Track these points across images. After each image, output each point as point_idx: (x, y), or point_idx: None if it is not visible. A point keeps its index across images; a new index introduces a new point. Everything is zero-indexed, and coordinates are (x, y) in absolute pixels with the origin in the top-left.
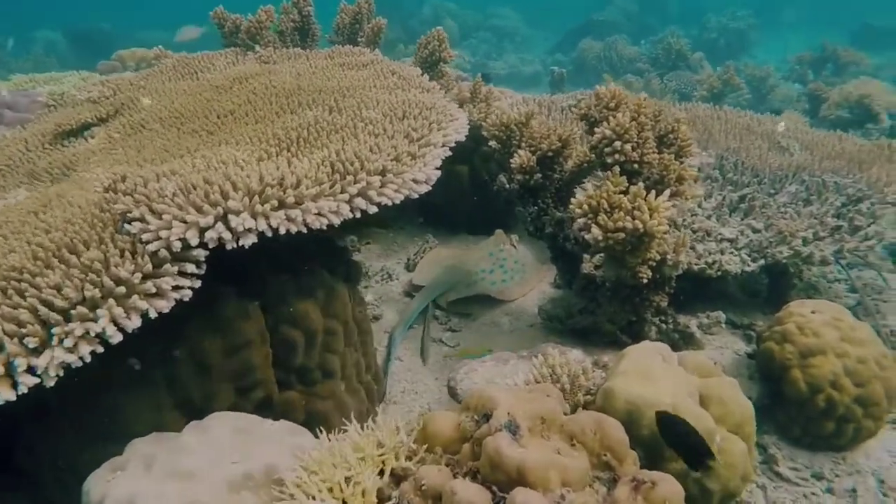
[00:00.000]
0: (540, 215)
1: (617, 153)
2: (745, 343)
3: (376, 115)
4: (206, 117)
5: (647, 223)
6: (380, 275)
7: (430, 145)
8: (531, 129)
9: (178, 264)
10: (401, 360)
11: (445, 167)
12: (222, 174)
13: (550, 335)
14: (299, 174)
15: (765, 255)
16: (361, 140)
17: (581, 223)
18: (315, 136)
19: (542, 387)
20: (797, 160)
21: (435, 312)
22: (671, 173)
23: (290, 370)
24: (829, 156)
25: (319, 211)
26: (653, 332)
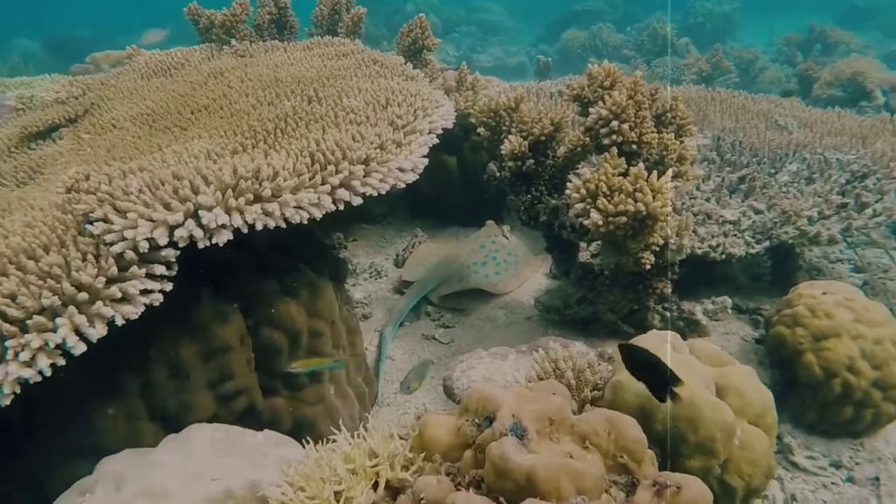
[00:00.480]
0: (533, 203)
1: (614, 133)
2: (752, 328)
3: (358, 104)
4: (179, 113)
5: (649, 205)
6: (368, 272)
7: (415, 132)
8: (521, 114)
9: (145, 266)
10: (392, 360)
11: (433, 158)
12: (193, 168)
13: (549, 327)
14: (276, 166)
15: (769, 236)
16: (343, 129)
17: (579, 208)
18: (293, 127)
19: (547, 384)
20: (797, 138)
21: (427, 308)
22: (671, 153)
23: (275, 375)
24: (829, 132)
25: (299, 204)
26: (656, 320)
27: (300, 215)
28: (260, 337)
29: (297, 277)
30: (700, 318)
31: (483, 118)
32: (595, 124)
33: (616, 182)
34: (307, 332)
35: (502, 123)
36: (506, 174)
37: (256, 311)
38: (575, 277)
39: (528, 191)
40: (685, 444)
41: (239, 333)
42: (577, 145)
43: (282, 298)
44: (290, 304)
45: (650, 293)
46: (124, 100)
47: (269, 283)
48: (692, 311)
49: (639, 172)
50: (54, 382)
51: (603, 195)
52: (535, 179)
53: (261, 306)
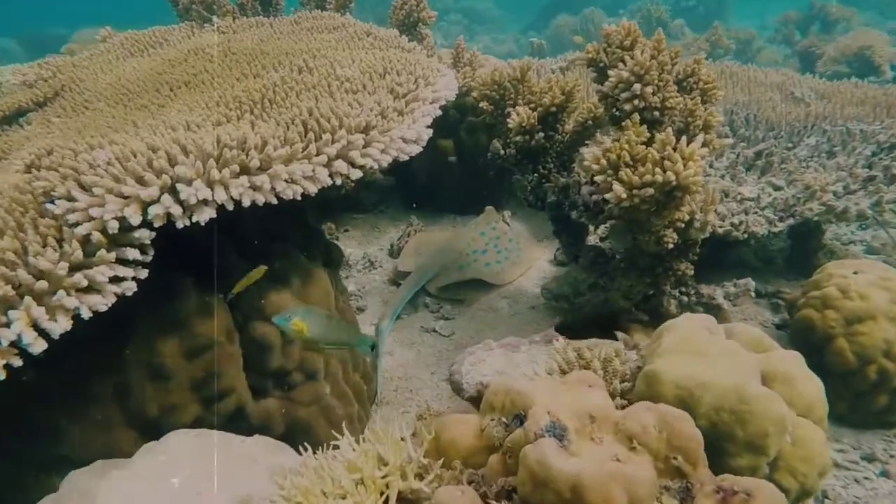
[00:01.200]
0: (541, 183)
1: (636, 98)
2: (771, 313)
3: (353, 73)
4: (157, 91)
5: (680, 174)
6: (361, 263)
7: (418, 101)
8: (529, 84)
9: (116, 250)
10: (391, 355)
11: (428, 141)
12: (170, 139)
13: (557, 316)
14: (265, 135)
15: (792, 213)
16: (338, 98)
17: (599, 181)
18: (283, 97)
19: (580, 375)
20: (815, 110)
21: (425, 300)
22: (697, 120)
23: (266, 374)
24: (850, 102)
25: (291, 177)
26: (673, 305)
27: (293, 190)
28: (249, 332)
29: (290, 264)
30: (721, 303)
31: (486, 91)
32: (614, 89)
33: (640, 151)
34: None
35: (507, 96)
36: (511, 151)
37: (244, 303)
38: (586, 262)
39: (535, 169)
40: (731, 442)
41: (225, 327)
42: (588, 118)
43: (272, 288)
44: (281, 294)
45: (669, 276)
46: (98, 80)
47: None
48: (712, 296)
49: (667, 139)
50: (14, 387)
51: (626, 166)
52: (543, 156)
53: (249, 297)
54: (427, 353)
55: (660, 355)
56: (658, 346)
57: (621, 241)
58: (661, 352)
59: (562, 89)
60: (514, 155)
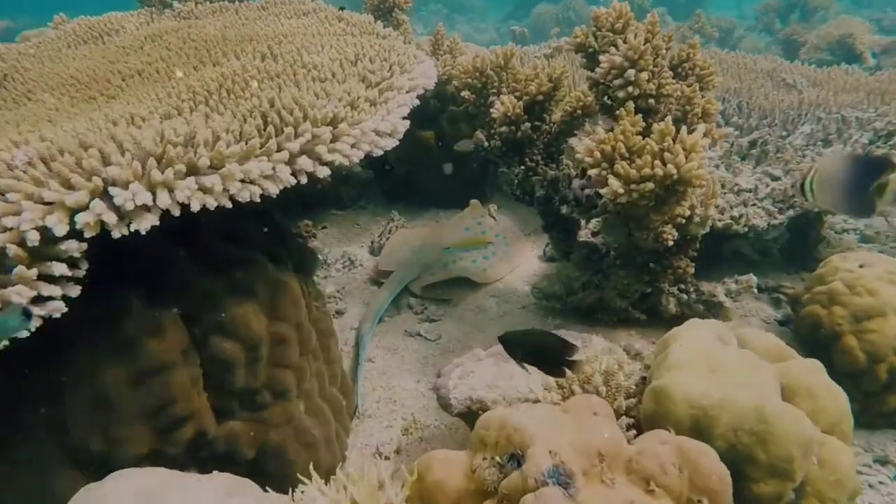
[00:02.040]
0: (528, 176)
1: (630, 85)
2: (772, 308)
3: (322, 60)
4: (107, 81)
5: (682, 167)
6: (341, 262)
7: (393, 89)
8: (514, 71)
9: (38, 265)
10: (372, 362)
11: (407, 134)
12: (106, 135)
13: (548, 317)
14: (217, 129)
15: (791, 204)
16: (304, 87)
17: (594, 175)
18: (242, 87)
19: (583, 400)
20: (808, 97)
21: (409, 300)
22: (695, 108)
23: (230, 394)
24: (843, 89)
25: (248, 176)
26: (671, 304)
27: (250, 191)
28: (209, 349)
29: (254, 272)
30: (723, 300)
31: (467, 79)
32: (606, 75)
33: (637, 142)
34: (268, 339)
35: (490, 84)
36: (496, 143)
37: (203, 318)
38: (578, 259)
39: (521, 161)
40: (753, 466)
41: (181, 347)
42: (577, 107)
43: (234, 300)
44: (245, 307)
45: (668, 274)
46: (44, 69)
47: (218, 280)
48: (713, 293)
49: (665, 129)
50: None
51: (621, 158)
52: (530, 148)
53: (208, 311)
54: (412, 360)
55: (668, 369)
56: (666, 357)
57: (614, 235)
58: (669, 365)
59: (549, 76)
60: (499, 147)
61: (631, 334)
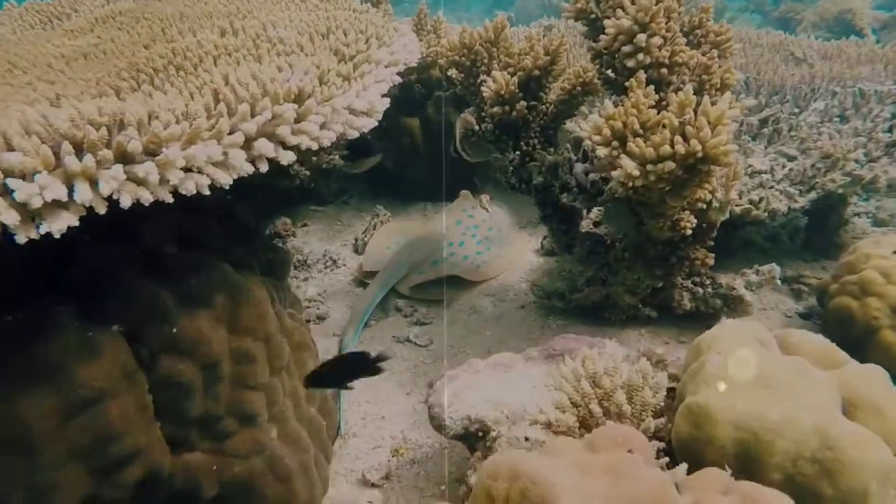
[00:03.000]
0: (524, 161)
1: (641, 52)
2: (793, 300)
3: (289, 35)
4: (48, 66)
5: (707, 143)
6: (322, 262)
7: (370, 62)
8: (506, 45)
9: None
10: None
11: (391, 121)
12: (16, 117)
13: (549, 316)
14: (154, 107)
15: (812, 185)
16: (266, 62)
17: (603, 156)
18: (195, 63)
19: (614, 432)
20: (820, 70)
21: (397, 302)
22: (713, 78)
23: (187, 423)
24: (857, 61)
25: (192, 163)
26: (686, 299)
27: (196, 182)
28: (159, 371)
29: (212, 279)
30: (743, 293)
31: (454, 56)
32: (612, 43)
33: (652, 116)
34: (230, 356)
35: (479, 62)
36: (487, 126)
37: (151, 334)
38: (581, 252)
39: (516, 146)
40: (819, 502)
41: (123, 370)
42: (576, 84)
43: (188, 312)
44: (200, 320)
45: (685, 266)
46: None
47: (169, 290)
48: (731, 286)
49: (685, 99)
50: None
51: (635, 135)
52: (525, 130)
53: (157, 326)
54: (401, 369)
55: (706, 382)
56: (702, 368)
57: (618, 224)
58: (707, 377)
59: (545, 49)
60: (491, 130)
61: (642, 334)
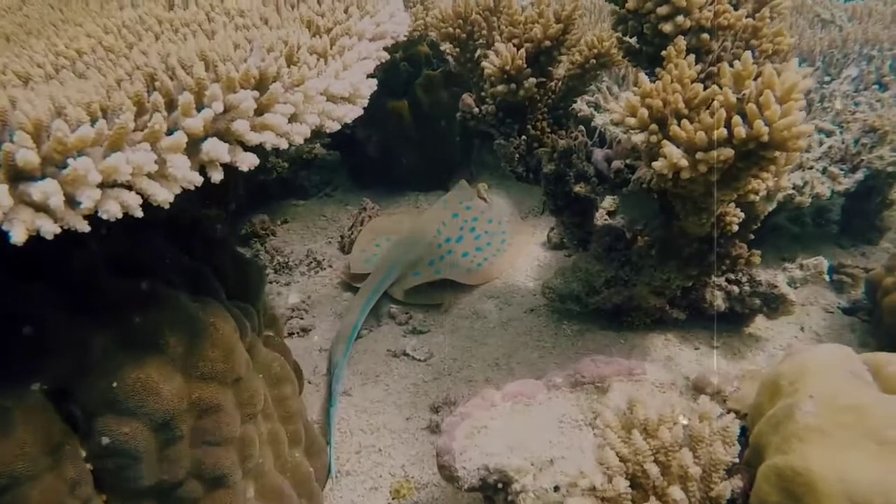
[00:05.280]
0: (532, 147)
1: (680, 13)
2: (834, 293)
3: (251, 4)
4: None
5: (775, 124)
6: (305, 263)
7: (350, 35)
8: (510, 12)
9: None
10: (349, 396)
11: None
12: None
13: (564, 321)
14: (62, 101)
15: (857, 164)
16: (220, 38)
17: (640, 142)
18: (132, 42)
19: None
20: (852, 33)
21: (391, 309)
22: (763, 43)
23: (138, 495)
24: (893, 21)
25: (113, 177)
26: (719, 299)
27: (120, 202)
28: (97, 436)
29: (161, 313)
30: (786, 292)
31: (447, 28)
32: (644, 3)
33: (698, 92)
34: (189, 408)
35: (478, 33)
36: (489, 108)
37: (84, 390)
38: (599, 248)
39: (522, 130)
40: None
41: (46, 441)
42: (590, 56)
43: (132, 358)
44: (148, 367)
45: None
46: None
47: (106, 331)
48: (772, 282)
49: (744, 69)
50: None
51: (678, 116)
52: (532, 112)
53: (91, 379)
54: (398, 389)
55: (800, 438)
56: (790, 417)
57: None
58: (800, 431)
59: (557, 16)
60: (494, 113)
61: (668, 339)
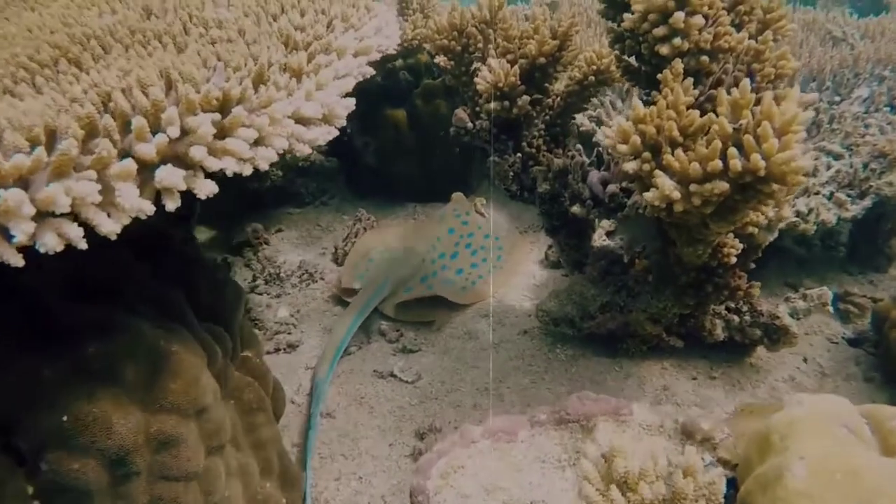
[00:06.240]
0: (527, 165)
1: (678, 35)
2: (839, 323)
3: (232, 15)
4: None
5: (773, 157)
6: (297, 275)
7: (329, 52)
8: (505, 27)
9: None
10: (332, 418)
11: (374, 113)
12: None
13: (557, 345)
14: (1, 122)
15: (865, 190)
16: (190, 53)
17: (632, 170)
18: (97, 55)
19: None
20: (865, 52)
21: (381, 325)
22: (765, 67)
23: None
24: None
25: (51, 208)
26: (718, 328)
27: (60, 235)
28: (44, 474)
29: (119, 342)
30: (788, 324)
31: (442, 40)
32: (640, 23)
33: (694, 119)
34: (147, 443)
35: (473, 46)
36: (483, 123)
37: (31, 424)
38: (595, 272)
39: (517, 147)
40: None
41: None
42: (589, 73)
43: (84, 390)
44: (102, 400)
45: (723, 296)
46: None
47: (56, 363)
48: (774, 313)
49: (742, 98)
50: None
51: (673, 144)
52: (528, 129)
53: (39, 413)
54: (383, 412)
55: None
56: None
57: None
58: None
59: (553, 32)
60: (488, 129)
61: (665, 367)
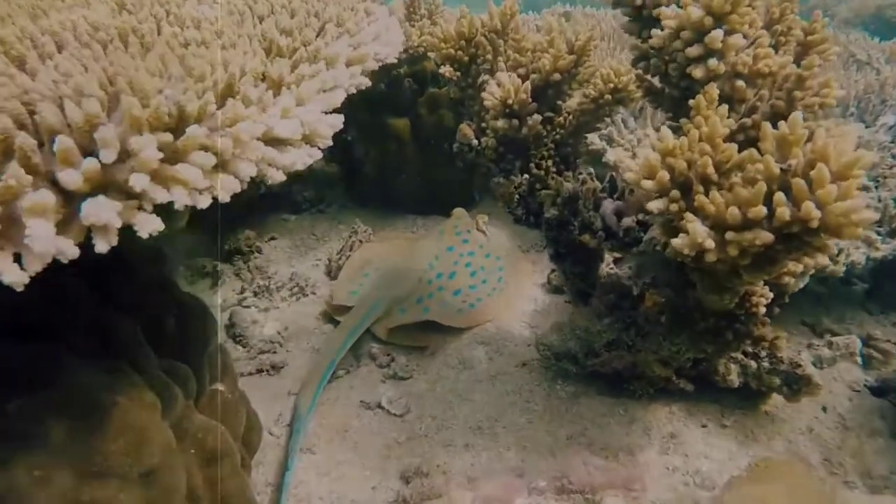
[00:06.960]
0: (533, 188)
1: (715, 56)
2: (861, 370)
3: (216, 14)
4: None
5: (828, 206)
6: (288, 287)
7: (317, 60)
8: (517, 39)
9: None
10: (312, 454)
11: (375, 122)
12: None
13: (558, 381)
14: None
15: (894, 228)
16: (151, 57)
17: (656, 210)
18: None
19: None
20: (889, 77)
21: (372, 349)
22: (807, 96)
23: None
24: None
25: None
26: (734, 373)
27: None
28: None
29: (45, 391)
30: (811, 373)
31: (448, 49)
32: (671, 41)
33: (732, 154)
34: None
35: (482, 57)
36: (489, 141)
37: None
38: (602, 305)
39: (524, 168)
40: None
41: None
42: (605, 91)
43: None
44: (18, 468)
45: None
46: None
47: None
48: (796, 361)
49: (791, 134)
50: None
51: (707, 183)
52: (537, 148)
53: None
54: (368, 448)
55: None
56: None
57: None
58: None
59: (570, 45)
60: (494, 147)
61: (672, 412)
